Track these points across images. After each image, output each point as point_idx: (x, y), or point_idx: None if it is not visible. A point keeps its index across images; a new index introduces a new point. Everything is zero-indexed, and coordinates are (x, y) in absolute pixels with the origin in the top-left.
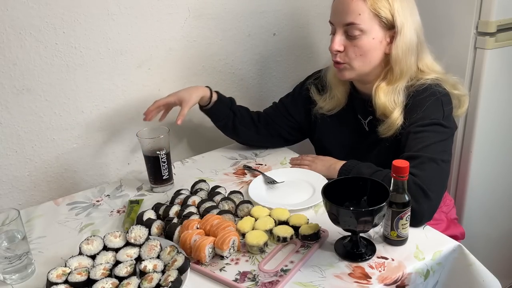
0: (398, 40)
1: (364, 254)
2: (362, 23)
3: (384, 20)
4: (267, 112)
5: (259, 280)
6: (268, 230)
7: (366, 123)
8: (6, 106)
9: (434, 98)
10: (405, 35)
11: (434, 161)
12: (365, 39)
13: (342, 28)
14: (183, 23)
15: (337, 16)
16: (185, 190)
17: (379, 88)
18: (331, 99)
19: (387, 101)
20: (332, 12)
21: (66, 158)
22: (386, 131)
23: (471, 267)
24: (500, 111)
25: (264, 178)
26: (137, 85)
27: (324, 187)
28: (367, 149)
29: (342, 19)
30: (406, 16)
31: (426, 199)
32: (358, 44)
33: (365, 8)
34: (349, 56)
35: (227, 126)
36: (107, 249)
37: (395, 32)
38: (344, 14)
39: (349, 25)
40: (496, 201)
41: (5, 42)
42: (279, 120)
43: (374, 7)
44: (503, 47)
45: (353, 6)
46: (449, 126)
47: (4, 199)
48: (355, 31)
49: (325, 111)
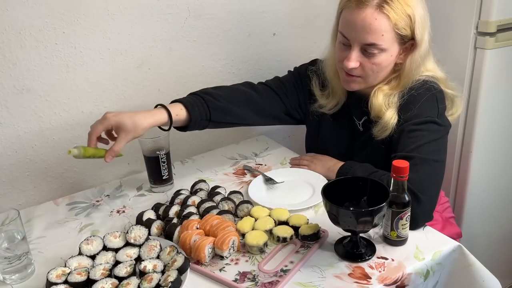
0: (416, 53)
1: (364, 255)
2: (384, 44)
3: (404, 37)
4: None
5: (259, 280)
6: (268, 230)
7: (361, 123)
8: (6, 106)
9: (430, 94)
10: (423, 48)
11: (427, 162)
12: (384, 56)
13: (360, 46)
14: (183, 23)
15: (355, 33)
16: (185, 190)
17: (380, 90)
18: (333, 96)
19: (383, 103)
20: (349, 26)
21: (66, 158)
22: (380, 132)
23: (471, 267)
24: (500, 111)
25: (264, 178)
26: (137, 85)
27: (324, 187)
28: (361, 148)
29: (362, 38)
30: (424, 26)
31: (418, 203)
32: (376, 62)
33: (388, 28)
34: (365, 72)
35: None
36: (106, 249)
37: (414, 46)
38: (365, 33)
39: (370, 45)
40: (496, 201)
41: (5, 42)
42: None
43: (397, 27)
44: (503, 47)
45: (376, 25)
46: (443, 124)
47: (4, 199)
48: (375, 50)
49: (327, 110)
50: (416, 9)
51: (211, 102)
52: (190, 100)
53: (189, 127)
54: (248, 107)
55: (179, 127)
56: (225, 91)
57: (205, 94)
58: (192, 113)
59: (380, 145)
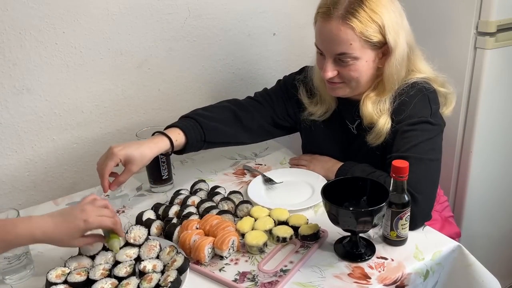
0: (392, 58)
1: (364, 254)
2: (354, 52)
3: (376, 44)
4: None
5: (259, 280)
6: (267, 230)
7: (354, 127)
8: (6, 106)
9: (421, 94)
10: (398, 52)
11: (422, 162)
12: (359, 63)
13: (333, 56)
14: (183, 23)
15: (325, 44)
16: (184, 190)
17: (368, 98)
18: (321, 103)
19: (373, 111)
20: (319, 38)
21: (66, 158)
22: (375, 140)
23: (471, 267)
24: (500, 111)
25: (264, 178)
26: (137, 85)
27: (323, 187)
28: (357, 151)
29: (332, 49)
30: (397, 30)
31: (416, 203)
32: (352, 69)
33: (355, 37)
34: (345, 78)
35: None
36: (106, 249)
37: (388, 49)
38: (333, 44)
39: (341, 54)
40: (496, 201)
41: (5, 42)
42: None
43: (364, 34)
44: (503, 47)
45: (342, 36)
46: (437, 123)
47: (4, 199)
48: (348, 59)
49: (317, 116)
50: (385, 15)
51: (204, 123)
52: (185, 123)
53: (186, 149)
54: (236, 125)
55: (176, 151)
56: (214, 111)
57: (197, 115)
58: (189, 136)
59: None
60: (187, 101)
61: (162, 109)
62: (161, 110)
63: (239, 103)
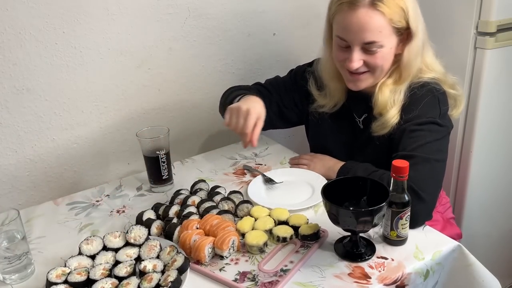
0: (413, 43)
1: (364, 254)
2: (383, 39)
3: (400, 29)
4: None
5: (259, 280)
6: (267, 230)
7: (361, 121)
8: (6, 106)
9: (431, 95)
10: (418, 37)
11: (428, 162)
12: (384, 51)
13: (360, 45)
14: (183, 23)
15: (353, 34)
16: (184, 190)
17: (384, 85)
18: (331, 97)
19: (388, 100)
20: (345, 29)
21: (66, 158)
22: (379, 128)
23: (471, 267)
24: (500, 111)
25: (264, 178)
26: (137, 85)
27: (323, 187)
28: (362, 146)
29: (360, 38)
30: (417, 15)
31: (419, 200)
32: (379, 56)
33: (385, 24)
34: (370, 66)
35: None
36: (106, 249)
37: (410, 36)
38: (362, 32)
39: (369, 43)
40: (496, 201)
41: (5, 42)
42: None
43: (392, 20)
44: (503, 47)
45: (373, 23)
46: (444, 125)
47: (4, 199)
48: (375, 47)
49: (326, 109)
50: (408, 1)
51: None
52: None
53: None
54: None
55: None
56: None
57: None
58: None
59: (380, 144)
60: (187, 101)
61: (162, 109)
62: (161, 110)
63: (248, 87)
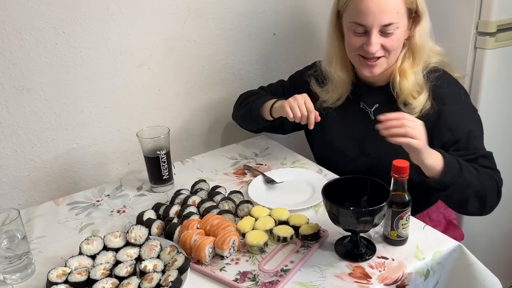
0: (423, 23)
1: (364, 254)
2: (400, 21)
3: (411, 11)
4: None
5: (259, 280)
6: (268, 230)
7: (372, 111)
8: (6, 106)
9: (449, 77)
10: (426, 19)
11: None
12: (399, 33)
13: (378, 28)
14: (183, 23)
15: (371, 17)
16: (185, 190)
17: (404, 71)
18: (334, 90)
19: (413, 84)
20: (363, 13)
21: (66, 158)
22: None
23: (472, 267)
24: (500, 110)
25: (264, 178)
26: (137, 85)
27: (324, 187)
28: (376, 138)
29: (379, 20)
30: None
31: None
32: (395, 39)
33: (401, 4)
34: (387, 51)
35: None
36: (107, 249)
37: (418, 17)
38: (381, 14)
39: (387, 25)
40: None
41: (5, 42)
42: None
43: (407, 1)
44: (503, 47)
45: (391, 4)
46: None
47: (4, 199)
48: (392, 29)
49: (330, 103)
50: None
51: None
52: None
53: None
54: None
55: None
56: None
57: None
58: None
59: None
60: (187, 101)
61: (162, 109)
62: (161, 110)
63: (259, 91)
